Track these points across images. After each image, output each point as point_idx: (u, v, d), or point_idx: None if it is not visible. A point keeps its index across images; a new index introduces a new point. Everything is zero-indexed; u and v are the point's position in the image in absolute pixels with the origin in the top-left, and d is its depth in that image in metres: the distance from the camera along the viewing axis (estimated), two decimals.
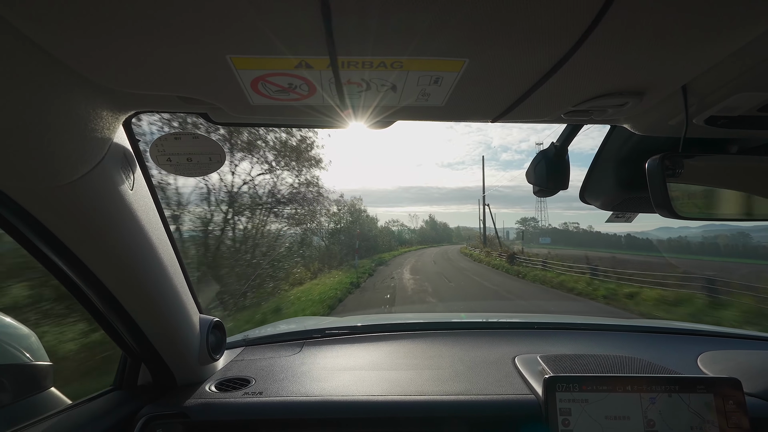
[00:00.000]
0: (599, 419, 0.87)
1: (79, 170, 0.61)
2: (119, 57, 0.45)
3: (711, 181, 0.73)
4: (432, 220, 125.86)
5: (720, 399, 0.89)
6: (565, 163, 0.95)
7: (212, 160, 0.77)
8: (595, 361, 1.11)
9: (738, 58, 0.50)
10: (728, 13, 0.39)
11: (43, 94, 0.48)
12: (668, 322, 1.88)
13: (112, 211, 0.71)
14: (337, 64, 0.46)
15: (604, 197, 0.99)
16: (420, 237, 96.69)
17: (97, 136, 0.61)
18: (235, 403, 1.00)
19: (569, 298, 11.02)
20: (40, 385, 0.97)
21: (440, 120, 0.67)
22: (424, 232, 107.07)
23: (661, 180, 0.65)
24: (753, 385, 1.04)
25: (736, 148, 0.79)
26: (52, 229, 0.67)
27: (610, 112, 0.64)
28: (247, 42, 0.42)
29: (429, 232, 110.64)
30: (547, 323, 1.69)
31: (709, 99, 0.61)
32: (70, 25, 0.39)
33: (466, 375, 1.15)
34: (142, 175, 0.81)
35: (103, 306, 0.86)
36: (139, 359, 1.03)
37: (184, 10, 0.37)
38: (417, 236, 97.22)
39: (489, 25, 0.40)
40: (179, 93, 0.56)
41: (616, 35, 0.42)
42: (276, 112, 0.62)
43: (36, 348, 1.01)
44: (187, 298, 1.01)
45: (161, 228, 0.88)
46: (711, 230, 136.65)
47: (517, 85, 0.54)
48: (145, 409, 0.97)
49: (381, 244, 39.78)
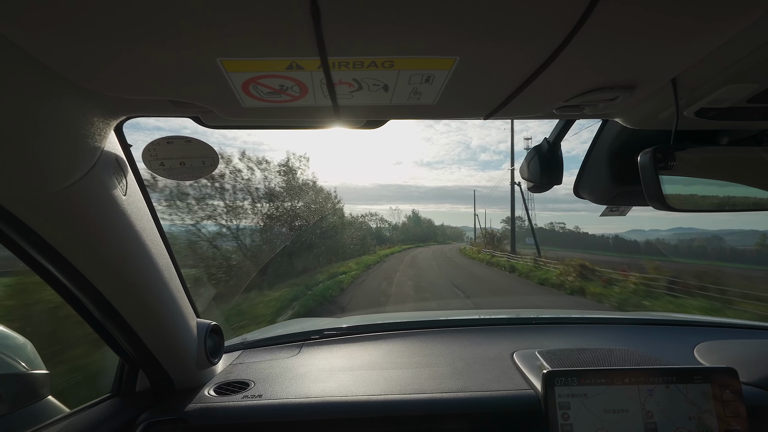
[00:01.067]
0: (598, 412, 0.88)
1: (70, 177, 0.60)
2: (109, 63, 0.44)
3: (703, 172, 0.73)
4: (416, 216, 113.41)
5: (717, 388, 0.90)
6: (559, 158, 0.95)
7: (205, 164, 0.77)
8: (592, 355, 1.11)
9: (726, 51, 0.51)
10: (716, 6, 0.39)
11: (33, 101, 0.48)
12: (664, 314, 1.90)
13: (106, 217, 0.71)
14: (328, 65, 0.46)
15: (597, 191, 0.99)
16: (403, 235, 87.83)
17: (89, 142, 0.60)
18: (234, 406, 1.00)
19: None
20: (37, 394, 0.97)
21: (433, 118, 0.67)
22: (407, 229, 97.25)
23: (653, 173, 0.66)
24: (749, 374, 1.05)
25: (727, 139, 0.80)
26: (44, 237, 0.67)
27: (602, 106, 0.64)
28: (237, 44, 0.42)
29: (413, 229, 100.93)
30: (545, 318, 1.70)
31: (699, 91, 0.61)
32: (58, 32, 0.38)
33: (465, 372, 1.15)
34: (135, 180, 0.81)
35: (99, 313, 0.85)
36: (136, 365, 1.03)
37: (174, 14, 0.37)
38: (400, 234, 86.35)
39: (479, 22, 0.40)
40: (170, 97, 0.55)
41: (605, 29, 0.42)
42: (268, 114, 0.62)
43: (32, 357, 1.00)
44: (184, 303, 1.01)
45: (156, 232, 0.88)
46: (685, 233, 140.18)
47: (508, 82, 0.54)
48: (144, 416, 0.96)
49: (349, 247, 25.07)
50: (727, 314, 7.89)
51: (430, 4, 0.37)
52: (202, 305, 3.80)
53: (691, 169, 0.71)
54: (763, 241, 48.54)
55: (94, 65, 0.45)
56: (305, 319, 2.59)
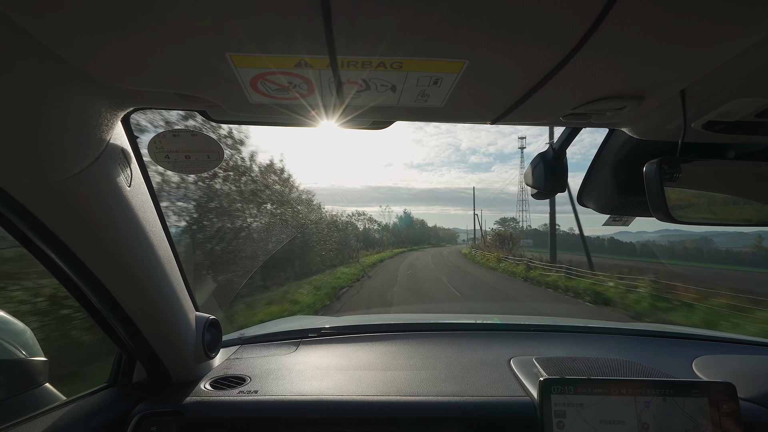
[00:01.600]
0: (594, 422, 0.87)
1: (76, 166, 0.61)
2: (119, 54, 0.45)
3: (708, 186, 0.73)
4: (408, 216, 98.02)
5: (714, 403, 0.90)
6: (563, 165, 0.95)
7: (211, 158, 0.77)
8: (590, 364, 1.11)
9: (736, 64, 0.51)
10: (727, 19, 0.39)
11: (41, 89, 0.48)
12: (664, 326, 1.89)
13: (109, 207, 0.71)
14: (336, 64, 0.46)
15: (601, 200, 0.99)
16: (394, 237, 74.35)
17: (95, 133, 0.61)
18: (230, 401, 1.00)
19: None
20: (34, 381, 0.97)
21: (439, 121, 0.67)
22: (398, 231, 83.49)
23: (658, 184, 0.66)
24: (747, 390, 1.04)
25: (734, 153, 0.80)
26: (48, 225, 0.67)
27: (609, 115, 0.64)
28: (248, 40, 0.42)
29: (406, 231, 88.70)
30: (543, 325, 1.69)
31: (708, 104, 0.61)
32: (70, 22, 0.38)
33: (462, 376, 1.15)
34: (140, 172, 0.81)
35: (99, 302, 0.86)
36: (134, 356, 1.03)
37: (185, 7, 0.37)
38: (391, 236, 71.13)
39: (489, 27, 0.40)
40: (178, 90, 0.56)
41: (615, 39, 0.42)
42: (275, 110, 0.62)
43: (31, 343, 1.01)
44: (184, 296, 1.01)
45: (158, 225, 0.88)
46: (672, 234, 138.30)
47: (516, 88, 0.54)
48: (139, 407, 0.97)
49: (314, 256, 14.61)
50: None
51: (440, 7, 0.37)
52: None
53: (696, 182, 0.71)
54: (759, 243, 47.78)
55: (104, 56, 0.45)
56: (304, 317, 2.60)
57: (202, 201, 8.13)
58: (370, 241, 51.09)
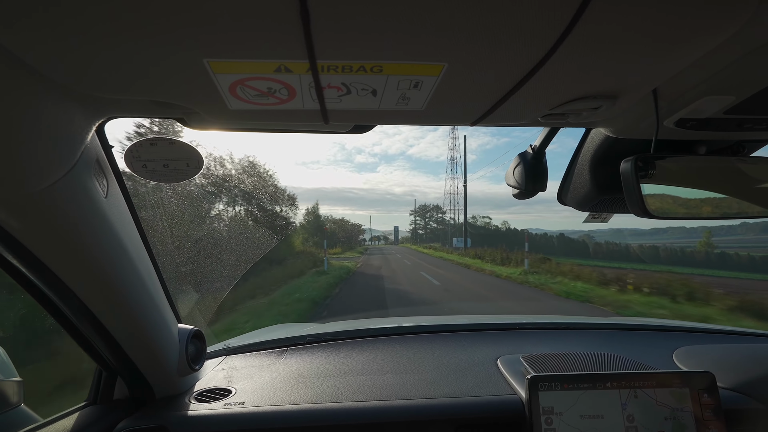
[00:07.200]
0: (581, 416, 0.89)
1: (49, 178, 0.58)
2: (91, 60, 0.43)
3: (682, 181, 0.76)
4: (314, 211, 63.73)
5: (695, 392, 0.92)
6: (543, 165, 0.97)
7: (189, 166, 0.75)
8: (575, 360, 1.13)
9: (705, 64, 0.53)
10: (696, 18, 0.41)
11: (10, 98, 0.46)
12: (645, 319, 1.94)
13: (85, 219, 0.69)
14: (317, 68, 0.46)
15: (580, 198, 1.01)
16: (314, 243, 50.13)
17: (68, 142, 0.59)
18: (215, 414, 0.98)
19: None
20: (9, 403, 0.93)
21: (420, 123, 0.68)
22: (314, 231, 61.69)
23: (634, 180, 0.68)
24: (726, 378, 1.07)
25: (705, 149, 0.83)
26: (20, 239, 0.65)
27: (585, 114, 0.65)
28: (225, 45, 0.41)
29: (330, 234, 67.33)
30: (529, 323, 1.71)
31: (678, 102, 0.63)
32: (38, 27, 0.37)
33: (450, 377, 1.15)
34: (117, 182, 0.79)
35: (75, 317, 0.83)
36: (114, 372, 1.00)
37: (160, 11, 0.36)
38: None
39: (467, 30, 0.40)
40: (154, 97, 0.54)
41: (590, 39, 0.43)
42: (255, 116, 0.61)
43: (4, 363, 0.97)
44: (165, 308, 0.99)
45: (137, 236, 0.86)
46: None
47: (495, 89, 0.54)
48: (122, 424, 0.94)
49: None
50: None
51: (419, 10, 0.37)
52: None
53: (670, 178, 0.73)
54: (708, 239, 46.34)
55: (75, 61, 0.44)
56: (289, 325, 2.56)
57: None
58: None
